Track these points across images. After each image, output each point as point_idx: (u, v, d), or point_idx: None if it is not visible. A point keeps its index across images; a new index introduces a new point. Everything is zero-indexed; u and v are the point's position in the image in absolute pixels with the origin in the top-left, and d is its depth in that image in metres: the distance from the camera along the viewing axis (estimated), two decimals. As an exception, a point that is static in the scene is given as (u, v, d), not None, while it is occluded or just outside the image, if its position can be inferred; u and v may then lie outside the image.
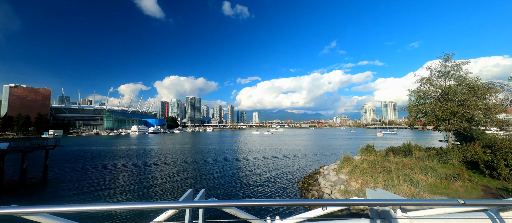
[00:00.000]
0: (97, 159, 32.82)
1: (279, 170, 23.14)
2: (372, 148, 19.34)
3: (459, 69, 17.54)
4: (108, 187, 17.74)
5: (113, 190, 16.88)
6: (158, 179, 20.05)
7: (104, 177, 20.72)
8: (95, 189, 17.24)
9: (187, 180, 19.71)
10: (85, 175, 21.77)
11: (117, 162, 29.69)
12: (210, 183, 18.62)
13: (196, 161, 29.98)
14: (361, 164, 13.64)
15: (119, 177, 20.99)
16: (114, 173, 22.52)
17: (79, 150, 47.97)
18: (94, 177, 20.78)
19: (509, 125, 16.43)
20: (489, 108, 16.04)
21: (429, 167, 12.13)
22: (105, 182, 18.98)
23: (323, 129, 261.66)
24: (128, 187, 17.70)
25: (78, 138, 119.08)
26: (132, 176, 21.10)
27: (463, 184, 10.79)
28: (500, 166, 10.64)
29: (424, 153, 16.75)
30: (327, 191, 12.86)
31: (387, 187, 10.78)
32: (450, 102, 16.62)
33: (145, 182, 18.88)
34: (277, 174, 21.47)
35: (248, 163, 28.29)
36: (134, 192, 16.50)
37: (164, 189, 17.06)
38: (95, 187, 17.73)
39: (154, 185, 17.98)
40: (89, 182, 19.23)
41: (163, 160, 31.45)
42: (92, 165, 27.72)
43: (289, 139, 79.43)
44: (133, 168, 25.27)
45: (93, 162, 30.01)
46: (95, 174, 22.08)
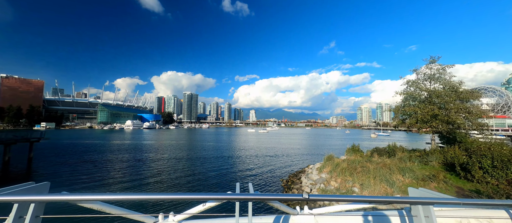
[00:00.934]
0: (85, 153, 32.38)
1: (267, 168, 23.17)
2: (357, 148, 19.51)
3: (444, 72, 17.74)
4: (89, 181, 17.46)
5: (92, 184, 16.62)
6: (140, 175, 19.81)
7: (87, 172, 20.37)
8: (73, 183, 16.97)
9: (173, 176, 19.58)
10: (68, 169, 21.47)
11: (105, 157, 29.35)
12: (195, 180, 18.53)
13: (184, 158, 29.83)
14: (342, 164, 13.74)
15: (102, 172, 20.65)
16: (98, 168, 22.19)
17: (70, 144, 47.28)
18: (76, 172, 20.43)
19: (488, 129, 16.73)
20: (470, 112, 16.27)
21: (407, 168, 12.27)
22: (87, 177, 18.60)
23: (319, 128, 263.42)
24: (107, 182, 17.43)
25: (71, 131, 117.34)
26: (116, 172, 20.82)
27: (438, 185, 10.95)
28: (474, 169, 10.82)
29: (407, 154, 16.95)
30: (306, 189, 12.93)
31: (363, 186, 10.87)
32: (432, 105, 16.83)
33: (125, 178, 18.64)
34: (264, 171, 21.49)
35: (237, 160, 28.28)
36: (110, 186, 16.32)
37: (143, 183, 16.94)
38: (75, 181, 17.44)
39: (132, 180, 17.79)
40: (70, 176, 18.91)
41: (151, 156, 31.22)
42: (79, 159, 27.34)
43: (283, 138, 79.68)
44: (119, 163, 24.98)
45: (81, 156, 29.61)
46: (79, 168, 21.75)
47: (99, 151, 35.37)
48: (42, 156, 29.07)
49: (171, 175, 19.71)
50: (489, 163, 10.37)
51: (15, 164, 22.75)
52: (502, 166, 10.02)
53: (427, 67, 18.58)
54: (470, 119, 16.31)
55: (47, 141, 51.53)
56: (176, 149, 40.28)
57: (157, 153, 33.81)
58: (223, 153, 35.45)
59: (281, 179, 18.02)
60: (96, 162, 25.13)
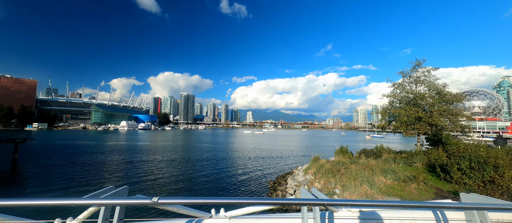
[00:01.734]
0: (75, 155, 31.74)
1: (257, 169, 23.11)
2: (346, 149, 19.62)
3: (429, 75, 18.03)
4: (68, 186, 16.54)
5: (71, 189, 15.86)
6: (123, 177, 19.37)
7: (71, 174, 19.75)
8: (54, 185, 16.37)
9: (157, 178, 19.36)
10: (52, 171, 20.83)
11: (94, 159, 28.75)
12: (181, 182, 18.36)
13: (175, 159, 29.57)
14: (325, 165, 13.78)
15: (86, 174, 19.94)
16: (84, 170, 21.47)
17: (60, 145, 46.31)
18: (60, 174, 19.78)
19: (470, 130, 17.03)
20: (453, 114, 16.54)
21: (390, 169, 12.37)
22: (68, 180, 17.92)
23: (315, 130, 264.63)
24: (87, 185, 16.85)
25: (64, 132, 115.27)
26: (100, 174, 20.15)
27: (418, 186, 11.06)
28: (453, 170, 10.97)
29: (393, 155, 17.12)
30: (290, 191, 12.91)
31: (346, 187, 10.91)
32: (415, 108, 17.07)
33: (107, 180, 18.18)
34: (254, 173, 21.43)
35: (228, 162, 28.16)
36: (87, 190, 15.88)
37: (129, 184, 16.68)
38: (56, 184, 16.79)
39: (112, 180, 17.43)
40: (52, 178, 18.29)
41: (142, 157, 30.81)
42: (66, 160, 26.73)
43: (278, 139, 79.77)
44: (107, 165, 24.41)
45: (69, 158, 28.94)
46: (63, 171, 21.08)
47: (89, 152, 34.77)
48: (30, 157, 28.45)
49: (158, 177, 19.49)
50: (466, 164, 10.53)
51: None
52: (478, 167, 10.18)
53: (413, 70, 18.86)
54: (453, 120, 16.58)
55: (37, 142, 50.66)
56: (168, 150, 39.90)
57: (148, 155, 33.44)
58: (215, 154, 35.25)
59: (269, 181, 17.98)
60: (83, 164, 24.61)
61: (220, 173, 21.70)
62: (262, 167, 24.95)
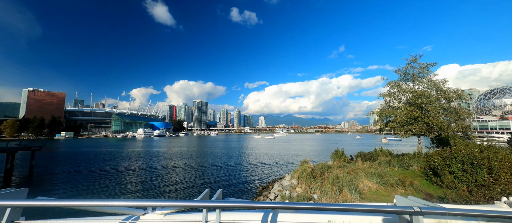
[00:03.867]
0: (91, 162, 32.53)
1: (252, 175, 22.84)
2: (341, 153, 18.70)
3: (427, 71, 16.72)
4: (82, 189, 17.60)
5: (81, 193, 16.90)
6: (126, 183, 20.12)
7: (82, 183, 20.18)
8: (61, 193, 16.97)
9: (145, 182, 19.90)
10: (64, 178, 21.72)
11: (108, 166, 29.00)
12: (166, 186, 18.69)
13: (176, 166, 30.27)
14: (308, 169, 13.21)
15: (97, 184, 19.80)
16: (95, 179, 21.55)
17: (81, 152, 49.42)
18: (71, 182, 20.37)
19: (471, 131, 15.29)
20: (452, 113, 15.06)
21: (377, 173, 11.52)
22: (77, 189, 18.13)
23: (329, 134, 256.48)
24: (97, 190, 17.76)
25: (87, 139, 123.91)
26: (101, 181, 20.38)
27: (405, 191, 10.15)
28: (444, 173, 9.92)
29: (390, 158, 15.94)
30: (271, 196, 12.51)
31: (324, 192, 10.34)
32: (410, 107, 15.82)
33: (104, 186, 18.44)
34: (248, 178, 21.22)
35: (229, 166, 28.23)
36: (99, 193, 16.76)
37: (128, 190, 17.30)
38: (62, 192, 17.35)
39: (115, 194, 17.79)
40: (62, 186, 19.11)
41: (150, 164, 31.57)
42: (80, 168, 27.49)
43: (288, 144, 78.48)
44: (117, 173, 24.35)
45: (84, 165, 29.57)
46: (75, 179, 21.77)
47: (106, 159, 35.64)
48: (49, 164, 30.72)
49: (155, 182, 20.04)
50: (459, 167, 9.45)
51: (17, 171, 24.27)
52: (471, 170, 9.07)
53: (410, 66, 17.62)
54: (452, 119, 15.07)
55: (64, 150, 54.87)
56: (176, 155, 41.05)
57: (156, 160, 34.60)
58: (219, 160, 35.55)
59: (260, 185, 17.66)
60: (95, 172, 24.80)
61: (215, 177, 21.79)
62: (259, 172, 24.63)
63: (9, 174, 22.82)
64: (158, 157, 38.77)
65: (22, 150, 23.87)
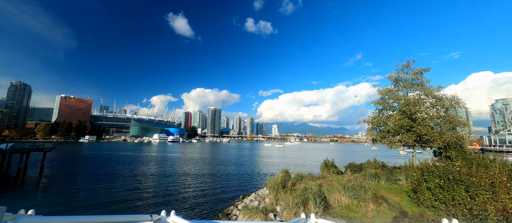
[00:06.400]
0: (102, 166, 33.09)
1: (241, 183, 22.49)
2: (331, 163, 17.63)
3: (421, 77, 15.37)
4: (71, 200, 17.38)
5: (73, 204, 15.77)
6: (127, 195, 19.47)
7: (85, 187, 20.11)
8: (59, 198, 16.86)
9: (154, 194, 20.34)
10: (68, 180, 22.49)
11: (117, 171, 29.29)
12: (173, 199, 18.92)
13: (172, 173, 30.80)
14: (276, 179, 12.56)
15: (97, 190, 19.40)
16: (98, 184, 21.29)
17: (97, 155, 52.11)
18: (74, 185, 20.46)
19: (464, 142, 13.37)
20: (450, 122, 13.46)
21: (352, 186, 10.56)
22: (76, 194, 17.95)
23: (344, 144, 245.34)
24: (89, 202, 17.33)
25: (107, 143, 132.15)
26: (109, 190, 19.43)
27: (377, 208, 9.14)
28: (421, 189, 8.77)
29: (377, 171, 14.61)
30: (240, 207, 11.99)
31: (286, 204, 9.69)
32: (400, 115, 14.49)
33: (103, 197, 17.30)
34: (235, 186, 20.94)
35: (223, 176, 28.11)
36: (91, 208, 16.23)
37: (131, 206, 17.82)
38: (61, 196, 17.30)
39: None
40: (63, 189, 19.30)
41: (152, 170, 31.95)
42: (90, 171, 28.04)
43: (297, 153, 76.52)
44: (118, 179, 24.03)
45: (95, 169, 29.90)
46: (79, 182, 21.96)
47: (118, 163, 37.13)
48: (61, 166, 32.89)
49: (141, 192, 20.51)
50: (436, 182, 8.30)
51: (29, 170, 26.05)
52: (448, 187, 7.90)
53: (403, 72, 16.36)
54: (445, 129, 13.46)
55: (88, 153, 58.87)
56: (181, 162, 41.94)
57: (159, 166, 35.64)
58: (219, 167, 35.67)
59: (242, 195, 17.19)
60: (102, 176, 25.15)
61: (203, 184, 21.79)
62: (248, 180, 24.26)
63: (21, 173, 24.78)
64: (163, 163, 39.87)
65: (34, 151, 26.06)
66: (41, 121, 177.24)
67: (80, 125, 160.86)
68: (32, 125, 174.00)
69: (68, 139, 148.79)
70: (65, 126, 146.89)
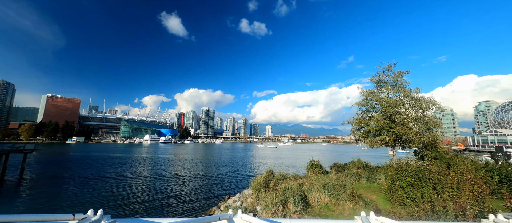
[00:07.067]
0: (88, 168, 32.03)
1: (229, 184, 22.47)
2: (316, 163, 17.93)
3: (401, 79, 15.97)
4: (47, 199, 16.78)
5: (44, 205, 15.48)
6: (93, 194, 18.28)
7: (67, 190, 19.35)
8: (35, 201, 16.37)
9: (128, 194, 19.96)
10: (49, 183, 21.63)
11: (103, 173, 28.27)
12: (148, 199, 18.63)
13: (163, 176, 30.39)
14: (259, 179, 12.70)
15: (78, 193, 18.47)
16: (81, 187, 20.50)
17: (84, 156, 50.36)
18: (54, 188, 19.70)
19: (437, 143, 14.05)
20: (426, 123, 14.08)
21: (331, 185, 10.82)
22: (56, 197, 17.29)
23: (336, 145, 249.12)
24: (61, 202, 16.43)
25: (96, 144, 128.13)
26: (91, 193, 18.75)
27: (354, 206, 9.41)
28: (394, 187, 9.13)
29: (359, 170, 15.04)
30: (222, 207, 12.05)
31: (266, 204, 9.81)
32: (381, 116, 15.01)
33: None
34: (224, 186, 20.91)
35: (215, 176, 27.99)
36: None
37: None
38: (37, 198, 16.85)
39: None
40: (40, 192, 18.41)
41: (143, 172, 31.32)
42: (74, 174, 26.97)
43: (289, 154, 77.04)
44: (107, 182, 22.78)
45: (80, 171, 28.84)
46: (61, 185, 21.15)
47: (103, 165, 35.85)
48: (45, 168, 31.77)
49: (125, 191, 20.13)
50: (409, 180, 8.67)
51: (10, 174, 24.85)
52: (418, 185, 8.27)
53: (384, 74, 16.94)
54: (420, 129, 14.07)
55: (74, 154, 56.79)
56: (170, 163, 41.36)
57: (147, 168, 35.01)
58: (210, 168, 35.47)
59: (228, 195, 17.21)
60: (82, 178, 24.38)
61: (189, 188, 21.63)
62: (237, 180, 24.29)
63: (0, 175, 23.72)
64: (152, 164, 39.20)
65: (14, 152, 25.00)
66: (25, 121, 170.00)
67: (67, 125, 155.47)
68: (15, 125, 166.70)
69: (54, 140, 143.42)
70: (51, 127, 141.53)
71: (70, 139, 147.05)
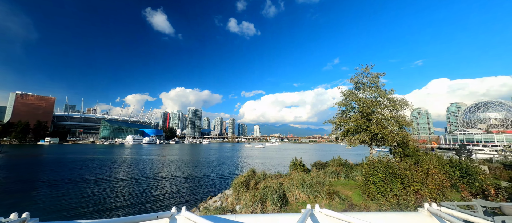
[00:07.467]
0: (61, 171, 29.98)
1: (214, 183, 22.19)
2: (299, 162, 18.29)
3: (377, 80, 16.85)
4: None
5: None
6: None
7: (33, 196, 17.80)
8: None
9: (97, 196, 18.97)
10: (12, 189, 19.88)
11: (78, 176, 26.33)
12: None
13: (144, 177, 29.29)
14: (239, 179, 12.73)
15: (44, 199, 17.00)
16: (51, 191, 18.94)
17: (57, 159, 46.98)
18: (18, 193, 18.24)
19: (409, 140, 15.14)
20: (398, 122, 15.03)
21: (310, 182, 11.10)
22: (18, 204, 15.87)
23: (322, 144, 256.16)
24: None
25: (72, 146, 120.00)
26: (60, 197, 17.62)
27: (330, 202, 9.73)
28: (367, 183, 9.59)
29: (340, 168, 15.61)
30: (201, 209, 11.85)
31: (245, 204, 9.82)
32: (357, 115, 15.77)
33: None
34: (204, 188, 20.60)
35: (188, 179, 27.44)
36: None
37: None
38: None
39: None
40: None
41: (123, 174, 29.89)
42: (43, 178, 24.92)
43: (276, 153, 77.78)
44: (81, 187, 21.00)
45: (51, 175, 26.69)
46: (27, 190, 19.53)
47: (77, 167, 33.52)
48: (11, 171, 29.15)
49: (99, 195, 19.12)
50: (379, 177, 9.15)
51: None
52: (388, 180, 8.78)
53: (362, 76, 17.77)
54: (394, 128, 15.00)
55: (47, 156, 52.60)
56: (153, 164, 39.89)
57: (130, 170, 33.48)
58: (196, 169, 34.76)
59: (210, 196, 16.97)
60: (56, 182, 22.70)
61: (172, 190, 21.05)
62: (225, 181, 24.06)
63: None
64: (134, 165, 37.55)
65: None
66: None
67: (40, 125, 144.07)
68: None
69: (24, 141, 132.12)
70: (20, 127, 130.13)
71: (43, 140, 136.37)
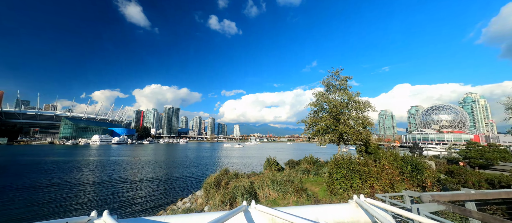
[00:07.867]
0: (2, 176, 26.45)
1: (180, 188, 21.50)
2: (273, 161, 18.67)
3: (346, 83, 18.11)
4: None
5: None
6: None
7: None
8: None
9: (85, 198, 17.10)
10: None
11: (27, 181, 23.47)
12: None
13: (108, 180, 27.14)
14: (211, 178, 12.65)
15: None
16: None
17: (2, 162, 40.93)
18: None
19: (369, 140, 16.82)
20: (362, 122, 16.41)
21: (280, 180, 11.44)
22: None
23: (300, 143, 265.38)
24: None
25: (24, 147, 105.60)
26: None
27: (297, 199, 10.13)
28: (332, 179, 10.26)
29: (310, 166, 16.39)
30: (168, 211, 11.43)
31: (213, 204, 9.72)
32: (327, 116, 16.83)
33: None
34: (175, 188, 19.83)
35: (158, 181, 26.24)
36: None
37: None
38: None
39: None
40: None
41: (85, 177, 27.52)
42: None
43: (255, 153, 78.39)
44: (31, 192, 19.49)
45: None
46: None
47: (27, 171, 29.60)
48: None
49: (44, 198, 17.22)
50: (342, 173, 9.87)
51: None
52: (349, 176, 9.52)
53: (333, 78, 18.94)
54: (357, 127, 16.38)
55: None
56: (121, 166, 36.99)
57: (93, 173, 30.54)
58: (169, 170, 33.14)
59: (181, 198, 16.40)
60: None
61: (140, 193, 19.82)
62: (198, 182, 23.42)
63: None
64: (99, 168, 34.40)
65: None
66: None
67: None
68: None
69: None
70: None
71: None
